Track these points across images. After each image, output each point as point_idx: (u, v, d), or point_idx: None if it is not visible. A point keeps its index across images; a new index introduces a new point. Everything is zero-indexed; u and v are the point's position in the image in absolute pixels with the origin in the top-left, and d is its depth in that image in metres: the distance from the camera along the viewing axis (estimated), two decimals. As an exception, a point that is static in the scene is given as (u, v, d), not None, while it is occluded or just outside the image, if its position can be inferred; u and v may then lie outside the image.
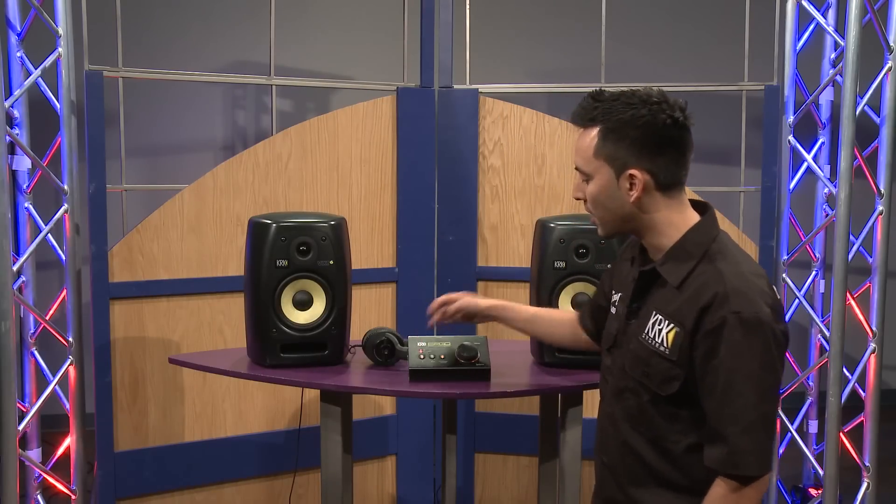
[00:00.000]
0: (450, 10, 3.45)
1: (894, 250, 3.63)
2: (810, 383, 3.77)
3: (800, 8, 3.41)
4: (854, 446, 3.33)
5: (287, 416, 3.37)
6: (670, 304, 1.72)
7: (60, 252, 3.09)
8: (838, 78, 3.24)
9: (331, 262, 2.54)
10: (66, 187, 3.02)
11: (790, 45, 3.43)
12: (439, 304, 2.33)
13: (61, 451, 3.22)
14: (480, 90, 3.47)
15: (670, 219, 1.75)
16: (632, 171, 1.72)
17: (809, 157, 3.45)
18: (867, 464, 3.33)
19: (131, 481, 3.12)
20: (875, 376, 3.32)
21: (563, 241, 2.53)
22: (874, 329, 3.30)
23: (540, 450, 2.75)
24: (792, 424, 3.50)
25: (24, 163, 3.17)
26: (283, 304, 2.52)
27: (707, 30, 5.10)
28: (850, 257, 3.23)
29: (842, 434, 3.21)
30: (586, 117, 1.78)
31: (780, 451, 3.59)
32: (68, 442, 3.13)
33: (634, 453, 1.78)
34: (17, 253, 3.18)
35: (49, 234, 3.10)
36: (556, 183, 3.44)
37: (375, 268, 3.46)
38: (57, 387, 3.12)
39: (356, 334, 2.69)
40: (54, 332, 3.09)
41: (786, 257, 3.48)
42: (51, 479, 3.13)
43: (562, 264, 2.52)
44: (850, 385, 3.39)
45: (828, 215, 3.46)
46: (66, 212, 3.04)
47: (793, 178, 3.51)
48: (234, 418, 3.29)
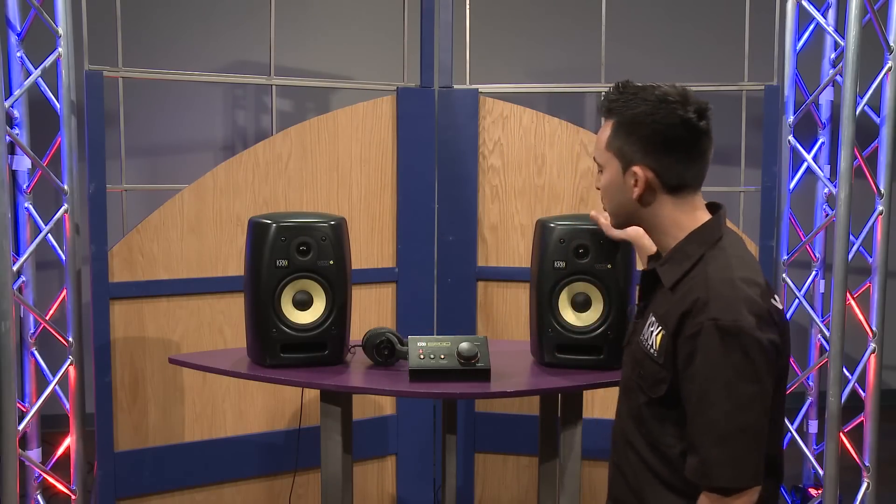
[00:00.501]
0: (450, 10, 3.45)
1: (894, 250, 3.63)
2: (810, 383, 3.77)
3: (800, 8, 3.41)
4: (854, 446, 3.33)
5: (287, 416, 3.37)
6: (663, 306, 1.72)
7: (60, 252, 3.09)
8: (838, 78, 3.24)
9: (331, 262, 2.54)
10: (66, 187, 3.02)
11: (790, 45, 3.43)
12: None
13: (61, 451, 3.22)
14: (480, 90, 3.47)
15: (676, 219, 1.74)
16: (635, 167, 1.72)
17: (809, 157, 3.45)
18: (867, 464, 3.33)
19: (131, 481, 3.12)
20: (875, 376, 3.32)
21: (563, 241, 2.52)
22: (874, 329, 3.30)
23: (540, 450, 2.75)
24: (792, 424, 3.50)
25: (24, 163, 3.17)
26: (283, 304, 2.52)
27: (707, 30, 5.10)
28: (850, 257, 3.23)
29: (842, 434, 3.21)
30: (607, 108, 1.77)
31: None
32: (68, 442, 3.13)
33: (637, 453, 1.77)
34: (17, 253, 3.18)
35: (49, 234, 3.10)
36: (556, 183, 3.44)
37: (375, 268, 3.46)
38: (57, 387, 3.12)
39: (356, 334, 2.69)
40: (54, 332, 3.09)
41: (786, 257, 3.49)
42: (51, 479, 3.13)
43: (562, 264, 2.52)
44: (850, 385, 3.39)
45: (828, 215, 3.46)
46: (66, 212, 3.04)
47: (793, 178, 3.51)
48: (234, 418, 3.29)
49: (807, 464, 3.73)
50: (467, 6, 3.67)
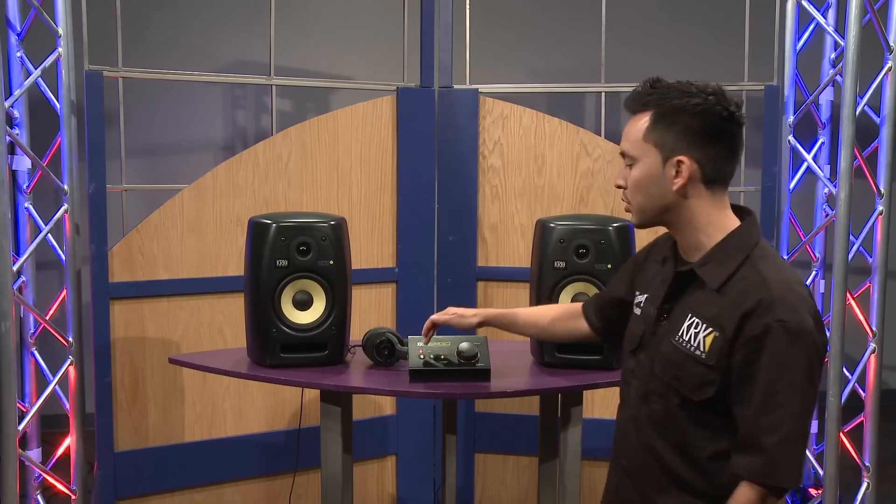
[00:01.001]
0: (450, 10, 3.45)
1: (894, 250, 3.63)
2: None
3: (800, 8, 3.41)
4: (854, 446, 3.33)
5: (287, 416, 3.36)
6: (708, 307, 1.67)
7: (60, 252, 3.09)
8: (838, 78, 3.24)
9: (331, 262, 2.54)
10: (66, 187, 3.02)
11: (790, 45, 3.43)
12: (427, 328, 2.38)
13: (61, 451, 3.22)
14: (480, 90, 3.47)
15: (710, 217, 1.71)
16: (679, 157, 1.68)
17: (809, 157, 3.46)
18: (867, 464, 3.33)
19: (131, 481, 3.12)
20: (875, 376, 3.32)
21: (563, 241, 2.52)
22: (874, 329, 3.30)
23: (540, 450, 2.75)
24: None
25: (24, 163, 3.18)
26: (283, 304, 2.52)
27: (707, 30, 5.10)
28: (850, 257, 3.23)
29: (842, 434, 3.21)
30: (640, 102, 1.72)
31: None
32: (68, 442, 3.13)
33: (657, 458, 1.74)
34: (17, 253, 3.18)
35: (49, 234, 3.10)
36: (556, 183, 3.44)
37: (375, 268, 3.46)
38: (57, 387, 3.12)
39: (356, 334, 2.69)
40: (54, 332, 3.09)
41: (786, 257, 3.48)
42: (51, 479, 3.13)
43: (562, 264, 2.52)
44: (850, 385, 3.39)
45: (828, 215, 3.46)
46: (66, 212, 3.04)
47: (793, 178, 3.51)
48: (234, 418, 3.29)
49: (807, 464, 3.73)
50: (467, 6, 3.67)
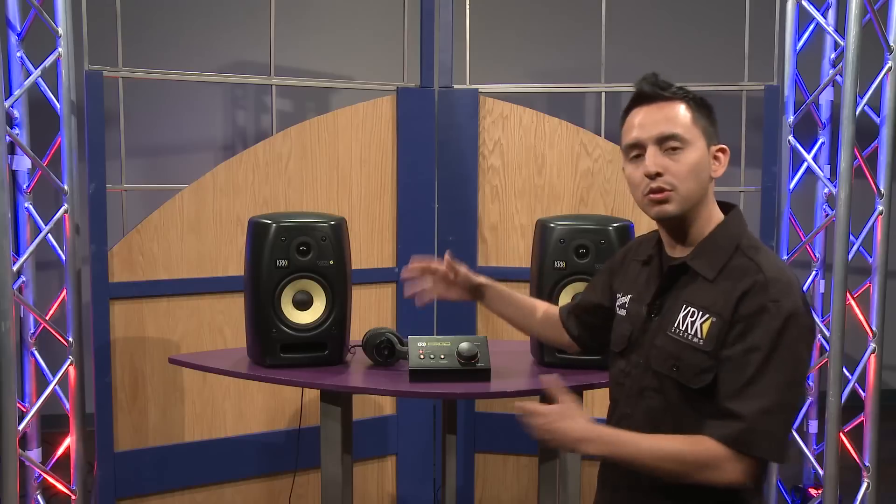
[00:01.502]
0: (450, 10, 3.45)
1: (894, 250, 3.63)
2: (810, 383, 3.77)
3: (800, 8, 3.41)
4: (854, 446, 3.33)
5: (287, 416, 3.37)
6: (704, 296, 1.70)
7: (60, 252, 3.09)
8: (838, 78, 3.24)
9: (331, 262, 2.54)
10: (66, 187, 3.02)
11: (790, 45, 3.43)
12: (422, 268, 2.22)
13: (61, 451, 3.22)
14: (480, 90, 3.47)
15: (710, 209, 1.76)
16: (721, 146, 1.75)
17: (809, 157, 3.46)
18: (867, 464, 3.33)
19: (131, 481, 3.12)
20: (875, 376, 3.32)
21: (563, 241, 2.52)
22: (874, 329, 3.30)
23: (540, 450, 2.75)
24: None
25: (24, 163, 3.17)
26: (283, 304, 2.52)
27: (707, 30, 5.11)
28: (850, 257, 3.23)
29: (842, 434, 3.21)
30: (668, 89, 1.73)
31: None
32: (68, 442, 3.13)
33: None
34: (17, 253, 3.18)
35: (49, 234, 3.10)
36: (556, 183, 3.44)
37: (375, 268, 3.46)
38: (57, 387, 3.12)
39: (356, 334, 2.69)
40: (54, 332, 3.09)
41: (786, 257, 3.48)
42: (51, 479, 3.13)
43: (562, 264, 2.52)
44: (850, 385, 3.39)
45: (828, 215, 3.46)
46: (66, 212, 3.04)
47: (793, 178, 3.51)
48: (234, 418, 3.29)
49: (807, 464, 3.73)
50: (467, 6, 3.67)
